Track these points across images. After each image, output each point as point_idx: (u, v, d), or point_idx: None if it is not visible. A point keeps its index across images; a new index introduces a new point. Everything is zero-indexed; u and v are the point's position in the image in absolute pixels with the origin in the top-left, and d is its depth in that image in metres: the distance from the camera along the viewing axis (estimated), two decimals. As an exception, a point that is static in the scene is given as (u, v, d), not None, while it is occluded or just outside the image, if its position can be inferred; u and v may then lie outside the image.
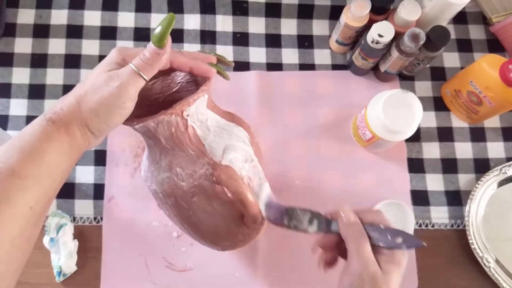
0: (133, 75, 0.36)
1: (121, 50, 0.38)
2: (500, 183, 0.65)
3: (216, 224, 0.46)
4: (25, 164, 0.33)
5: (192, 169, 0.42)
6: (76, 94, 0.36)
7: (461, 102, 0.67)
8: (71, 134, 0.36)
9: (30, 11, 0.71)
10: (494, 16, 0.71)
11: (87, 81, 0.37)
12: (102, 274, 0.61)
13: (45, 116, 0.36)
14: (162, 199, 0.45)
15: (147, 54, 0.36)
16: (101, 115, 0.36)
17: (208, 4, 0.73)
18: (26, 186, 0.33)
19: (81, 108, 0.36)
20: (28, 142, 0.34)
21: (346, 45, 0.70)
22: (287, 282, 0.62)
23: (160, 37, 0.36)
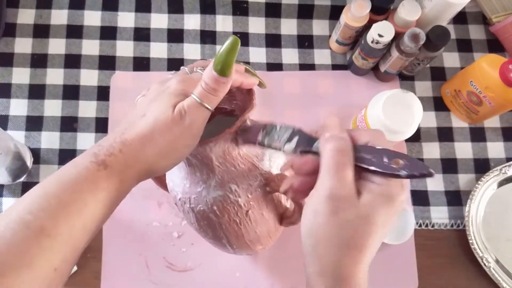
0: (199, 108, 0.32)
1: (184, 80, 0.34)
2: (500, 183, 0.65)
3: (260, 230, 0.46)
4: (58, 221, 0.28)
5: (247, 183, 0.41)
6: (140, 134, 0.31)
7: (461, 102, 0.67)
8: (124, 181, 0.31)
9: (30, 11, 0.71)
10: (494, 16, 0.71)
11: (150, 116, 0.32)
12: (103, 274, 0.61)
13: (97, 158, 0.30)
14: (212, 218, 0.43)
15: (210, 83, 0.32)
16: (171, 156, 0.32)
17: (208, 4, 0.73)
18: (54, 246, 0.28)
19: (147, 151, 0.31)
20: (68, 190, 0.29)
21: (346, 45, 0.70)
22: (288, 282, 0.62)
23: (224, 64, 0.31)
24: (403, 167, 0.28)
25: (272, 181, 0.41)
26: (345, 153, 0.29)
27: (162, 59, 0.70)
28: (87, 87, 0.68)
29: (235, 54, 0.31)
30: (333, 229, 0.28)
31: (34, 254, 0.27)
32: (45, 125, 0.66)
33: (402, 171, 0.28)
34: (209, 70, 0.32)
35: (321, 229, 0.29)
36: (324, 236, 0.29)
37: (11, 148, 0.58)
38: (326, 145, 0.30)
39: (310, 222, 0.30)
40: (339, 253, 0.28)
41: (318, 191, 0.29)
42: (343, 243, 0.28)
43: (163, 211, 0.64)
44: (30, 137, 0.66)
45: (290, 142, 0.34)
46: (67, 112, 0.67)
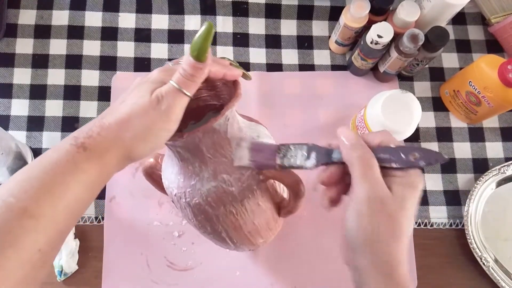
0: (177, 93, 0.33)
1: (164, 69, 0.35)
2: (499, 183, 0.66)
3: (258, 221, 0.46)
4: (40, 202, 0.29)
5: (239, 172, 0.41)
6: (118, 118, 0.32)
7: (460, 102, 0.67)
8: (104, 163, 0.32)
9: (31, 11, 0.71)
10: (493, 17, 0.71)
11: (129, 102, 0.33)
12: (103, 273, 0.62)
13: (76, 141, 0.31)
14: (208, 210, 0.43)
15: (188, 69, 0.33)
16: (148, 140, 0.32)
17: (208, 5, 0.73)
18: (37, 227, 0.29)
19: (124, 134, 0.32)
20: (50, 172, 0.30)
21: (346, 46, 0.70)
22: (288, 281, 0.63)
23: (200, 49, 0.32)
24: (420, 158, 0.33)
25: None
26: (370, 157, 0.33)
27: (163, 59, 0.71)
28: (88, 87, 0.69)
29: (210, 40, 0.32)
30: (380, 225, 0.32)
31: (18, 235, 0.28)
32: (46, 125, 0.67)
33: (420, 161, 0.32)
34: (187, 56, 0.33)
35: (369, 227, 0.32)
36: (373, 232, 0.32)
37: (12, 148, 0.58)
38: (352, 154, 0.34)
39: (356, 223, 0.33)
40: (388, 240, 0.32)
41: (357, 195, 0.33)
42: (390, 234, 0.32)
43: (164, 211, 0.64)
44: (31, 137, 0.66)
45: (309, 158, 0.36)
46: (68, 112, 0.67)
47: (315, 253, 0.64)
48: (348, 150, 0.34)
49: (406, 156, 0.33)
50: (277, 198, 0.48)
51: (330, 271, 0.63)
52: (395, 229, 0.32)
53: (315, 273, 0.63)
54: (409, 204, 0.33)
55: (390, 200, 0.32)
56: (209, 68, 0.34)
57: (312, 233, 0.64)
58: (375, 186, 0.33)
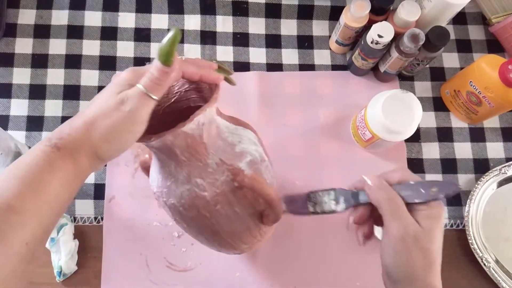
0: (143, 97, 0.33)
1: (133, 70, 0.36)
2: (500, 183, 0.65)
3: (237, 227, 0.46)
4: (23, 198, 0.31)
5: (213, 177, 0.41)
6: (85, 119, 0.33)
7: (461, 102, 0.67)
8: (77, 162, 0.33)
9: (31, 11, 0.71)
10: (494, 17, 0.71)
11: (96, 103, 0.34)
12: (103, 274, 0.62)
13: (50, 142, 0.33)
14: (182, 212, 0.44)
15: (155, 73, 0.33)
16: (112, 141, 0.34)
17: (208, 5, 0.73)
18: (23, 221, 0.30)
19: (91, 135, 0.33)
20: (28, 171, 0.31)
21: (346, 46, 0.70)
22: (287, 282, 0.63)
23: (166, 54, 0.32)
24: (438, 191, 0.36)
25: (238, 175, 0.41)
26: (395, 197, 0.37)
27: (163, 59, 0.70)
28: (88, 87, 0.69)
29: (176, 45, 0.32)
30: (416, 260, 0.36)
31: (5, 230, 0.29)
32: (45, 125, 0.67)
33: (439, 195, 0.36)
34: (155, 60, 0.34)
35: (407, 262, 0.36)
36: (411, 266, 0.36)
37: (11, 148, 0.58)
38: (378, 196, 0.38)
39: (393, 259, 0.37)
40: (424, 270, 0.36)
41: (392, 234, 0.36)
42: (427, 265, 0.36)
43: (163, 211, 0.64)
44: (31, 137, 0.66)
45: (339, 203, 0.40)
46: (68, 112, 0.67)
47: (315, 253, 0.63)
48: (374, 193, 0.38)
49: (426, 191, 0.36)
50: (258, 206, 0.46)
51: (330, 271, 0.63)
52: (430, 260, 0.36)
53: (315, 274, 0.63)
54: (437, 234, 0.36)
55: (422, 234, 0.36)
56: (176, 73, 0.35)
57: (312, 234, 0.64)
58: (406, 224, 0.36)
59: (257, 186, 0.41)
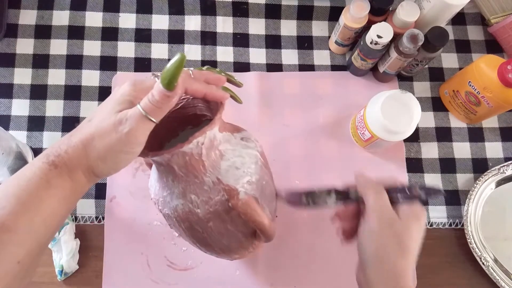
0: (142, 119, 0.32)
1: (134, 84, 0.34)
2: (498, 183, 0.66)
3: (229, 242, 0.46)
4: (17, 216, 0.30)
5: (207, 196, 0.41)
6: (83, 138, 0.33)
7: (460, 102, 0.67)
8: (75, 180, 0.33)
9: (32, 12, 0.71)
10: (493, 17, 0.71)
11: (95, 121, 0.34)
12: (104, 273, 0.62)
13: (48, 159, 0.33)
14: (176, 223, 0.44)
15: (156, 96, 0.32)
16: (109, 161, 0.33)
17: (208, 6, 0.73)
18: (15, 240, 0.30)
19: (88, 154, 0.33)
20: (25, 189, 0.31)
21: (346, 46, 0.70)
22: (288, 281, 0.63)
23: (170, 79, 0.31)
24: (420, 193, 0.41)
25: (232, 198, 0.41)
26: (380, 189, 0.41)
27: (163, 60, 0.71)
28: (89, 87, 0.69)
29: (180, 70, 0.31)
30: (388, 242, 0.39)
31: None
32: (46, 125, 0.67)
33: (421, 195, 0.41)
34: (157, 83, 0.33)
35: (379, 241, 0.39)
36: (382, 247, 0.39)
37: (13, 148, 0.58)
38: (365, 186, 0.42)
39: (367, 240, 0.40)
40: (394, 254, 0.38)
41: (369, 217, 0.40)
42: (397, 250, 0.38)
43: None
44: (32, 137, 0.66)
45: (330, 196, 0.44)
46: (69, 112, 0.68)
47: (314, 253, 0.64)
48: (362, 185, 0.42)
49: (411, 192, 0.41)
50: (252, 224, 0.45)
51: (329, 271, 0.63)
52: (401, 247, 0.38)
53: (315, 273, 0.63)
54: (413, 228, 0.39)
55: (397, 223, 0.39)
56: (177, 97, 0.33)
57: (311, 234, 0.64)
58: (384, 210, 0.39)
59: (249, 213, 0.41)
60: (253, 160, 0.44)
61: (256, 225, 0.42)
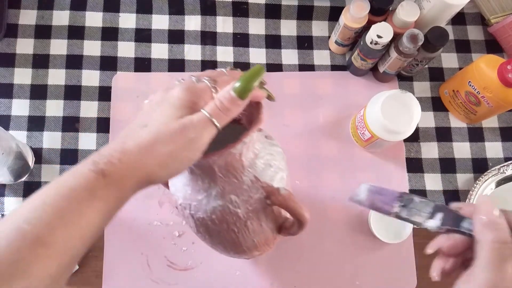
0: (207, 124, 0.31)
1: (189, 89, 0.33)
2: (498, 183, 0.66)
3: (257, 240, 0.46)
4: (54, 230, 0.28)
5: (247, 195, 0.41)
6: (140, 144, 0.31)
7: (459, 102, 0.67)
8: (123, 190, 0.31)
9: (32, 12, 0.71)
10: (493, 17, 0.71)
11: (152, 126, 0.31)
12: (104, 273, 0.62)
13: (96, 166, 0.30)
14: (210, 226, 0.44)
15: (226, 102, 0.31)
16: (170, 167, 0.32)
17: (208, 6, 0.73)
18: (49, 254, 0.28)
19: (146, 161, 0.31)
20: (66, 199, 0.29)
21: (345, 46, 0.70)
22: (288, 281, 0.63)
23: (245, 90, 0.31)
24: None
25: (273, 194, 0.41)
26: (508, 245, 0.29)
27: (163, 60, 0.71)
28: (89, 87, 0.69)
29: (257, 81, 0.31)
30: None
31: (29, 262, 0.27)
32: (46, 125, 0.67)
33: None
34: (227, 90, 0.32)
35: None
36: None
37: (13, 148, 0.58)
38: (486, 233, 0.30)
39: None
40: None
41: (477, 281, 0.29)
42: None
43: (164, 211, 0.64)
44: (32, 137, 0.66)
45: (433, 218, 0.34)
46: (69, 112, 0.68)
47: (315, 253, 0.64)
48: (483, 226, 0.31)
49: None
50: (280, 219, 0.47)
51: (330, 271, 0.63)
52: None
53: (315, 273, 0.63)
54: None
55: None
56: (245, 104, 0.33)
57: (312, 234, 0.64)
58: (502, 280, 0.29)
59: (292, 206, 0.41)
60: (281, 157, 0.45)
61: (299, 217, 0.42)
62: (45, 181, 0.65)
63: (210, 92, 0.34)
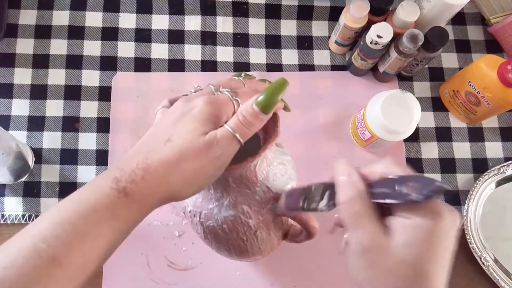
0: (231, 140, 0.31)
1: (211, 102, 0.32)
2: (498, 183, 0.66)
3: (264, 247, 0.46)
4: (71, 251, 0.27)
5: (260, 206, 0.41)
6: (164, 161, 0.30)
7: (460, 102, 0.67)
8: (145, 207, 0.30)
9: (32, 11, 0.71)
10: (493, 17, 0.71)
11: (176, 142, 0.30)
12: (104, 273, 0.62)
13: (118, 185, 0.29)
14: (220, 234, 0.43)
15: (249, 117, 0.31)
16: (195, 185, 0.31)
17: (208, 6, 0.73)
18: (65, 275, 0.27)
19: (170, 179, 0.30)
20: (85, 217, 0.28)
21: (346, 46, 0.70)
22: (288, 281, 0.63)
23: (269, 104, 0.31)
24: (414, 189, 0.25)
25: None
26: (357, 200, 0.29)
27: (163, 60, 0.71)
28: (89, 87, 0.69)
29: (281, 95, 0.31)
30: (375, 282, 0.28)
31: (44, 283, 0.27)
32: (46, 125, 0.67)
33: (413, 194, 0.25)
34: (250, 104, 0.31)
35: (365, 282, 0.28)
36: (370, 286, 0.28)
37: (13, 148, 0.58)
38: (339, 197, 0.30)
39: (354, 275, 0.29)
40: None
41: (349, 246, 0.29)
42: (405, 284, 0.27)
43: (164, 211, 0.64)
44: (32, 137, 0.66)
45: (322, 199, 0.33)
46: (69, 112, 0.68)
47: (315, 253, 0.64)
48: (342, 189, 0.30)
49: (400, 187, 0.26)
50: (286, 226, 0.47)
51: (330, 271, 0.63)
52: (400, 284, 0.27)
53: (315, 274, 0.63)
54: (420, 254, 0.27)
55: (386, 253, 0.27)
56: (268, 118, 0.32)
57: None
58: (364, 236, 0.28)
59: (304, 218, 0.41)
60: (291, 166, 0.45)
61: (310, 229, 0.42)
62: (45, 181, 0.65)
63: (232, 104, 0.33)
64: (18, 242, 0.28)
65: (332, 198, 0.32)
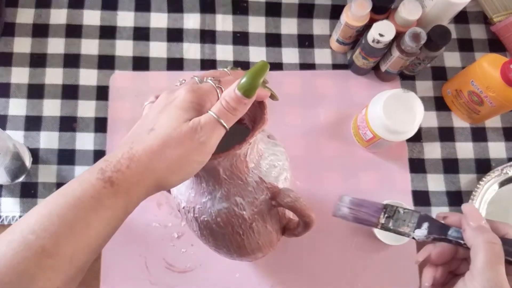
0: (216, 126, 0.31)
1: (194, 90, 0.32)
2: (501, 184, 0.65)
3: (262, 242, 0.46)
4: (59, 240, 0.28)
5: (253, 196, 0.41)
6: (147, 149, 0.30)
7: (462, 102, 0.66)
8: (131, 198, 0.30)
9: (29, 10, 0.71)
10: (495, 16, 0.71)
11: (159, 130, 0.31)
12: (102, 274, 0.61)
13: (103, 175, 0.29)
14: (215, 229, 0.43)
15: (232, 102, 0.31)
16: (181, 172, 0.31)
17: (208, 4, 0.72)
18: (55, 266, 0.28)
19: (155, 166, 0.30)
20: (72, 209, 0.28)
21: (347, 45, 0.69)
22: (287, 283, 0.62)
23: (251, 87, 0.31)
24: None
25: (278, 195, 0.41)
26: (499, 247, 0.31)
27: (162, 58, 0.70)
28: (86, 86, 0.68)
29: (262, 78, 0.31)
30: None
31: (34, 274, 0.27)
32: (44, 125, 0.66)
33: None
34: (232, 89, 0.31)
35: None
36: None
37: (10, 148, 0.58)
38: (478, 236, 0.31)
39: None
40: None
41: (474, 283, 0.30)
42: None
43: (163, 212, 0.63)
44: (29, 137, 0.66)
45: (420, 228, 0.35)
46: (66, 112, 0.67)
47: (315, 255, 0.63)
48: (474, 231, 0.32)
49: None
50: (284, 220, 0.47)
51: (331, 273, 0.63)
52: None
53: (316, 275, 0.63)
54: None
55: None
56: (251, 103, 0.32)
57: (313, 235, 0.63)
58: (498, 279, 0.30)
59: (299, 207, 0.41)
60: (284, 157, 0.45)
61: (306, 218, 0.41)
62: (42, 181, 0.64)
63: (215, 92, 0.33)
64: (8, 236, 0.28)
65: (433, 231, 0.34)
